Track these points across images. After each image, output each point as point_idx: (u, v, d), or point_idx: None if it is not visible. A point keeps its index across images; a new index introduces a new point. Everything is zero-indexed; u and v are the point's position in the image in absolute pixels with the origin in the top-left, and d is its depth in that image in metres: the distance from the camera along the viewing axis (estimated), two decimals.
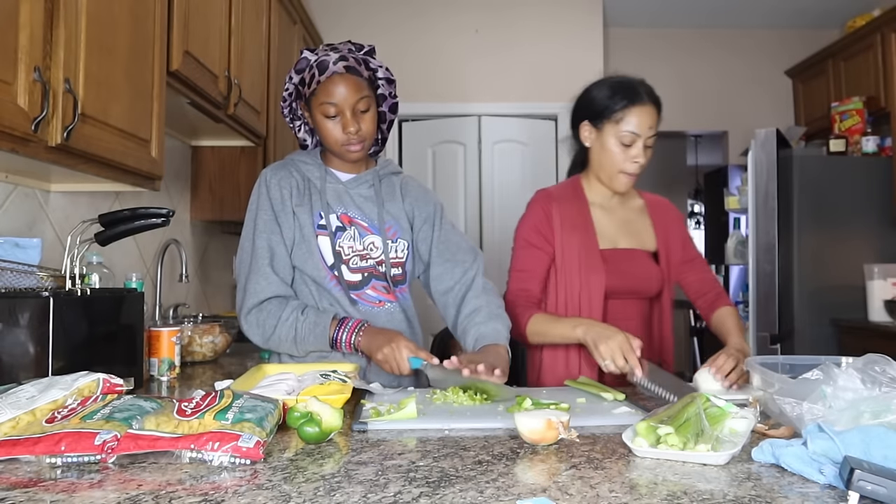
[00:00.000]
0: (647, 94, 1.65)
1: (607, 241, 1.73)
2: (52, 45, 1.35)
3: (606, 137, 1.67)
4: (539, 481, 0.84)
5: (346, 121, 1.49)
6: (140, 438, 0.91)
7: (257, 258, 1.51)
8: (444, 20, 4.52)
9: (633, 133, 1.64)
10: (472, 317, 1.59)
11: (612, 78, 1.71)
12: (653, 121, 1.65)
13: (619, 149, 1.66)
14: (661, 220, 1.81)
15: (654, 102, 1.66)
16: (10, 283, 1.35)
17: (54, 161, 1.40)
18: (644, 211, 1.83)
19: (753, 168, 3.80)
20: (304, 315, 1.47)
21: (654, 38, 5.10)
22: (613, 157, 1.67)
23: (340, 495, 0.78)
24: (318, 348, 1.49)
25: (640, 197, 1.85)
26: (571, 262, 1.70)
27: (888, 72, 3.82)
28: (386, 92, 1.58)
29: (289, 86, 1.55)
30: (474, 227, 4.45)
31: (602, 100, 1.67)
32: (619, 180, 1.69)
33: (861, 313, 3.65)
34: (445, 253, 1.67)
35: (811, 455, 0.85)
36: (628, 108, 1.63)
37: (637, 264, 1.74)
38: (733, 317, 1.74)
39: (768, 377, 1.16)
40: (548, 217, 1.74)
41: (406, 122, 4.55)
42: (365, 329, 1.46)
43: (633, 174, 1.68)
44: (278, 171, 1.58)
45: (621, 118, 1.64)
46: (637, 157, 1.65)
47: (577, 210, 1.75)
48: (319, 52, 1.50)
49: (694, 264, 1.84)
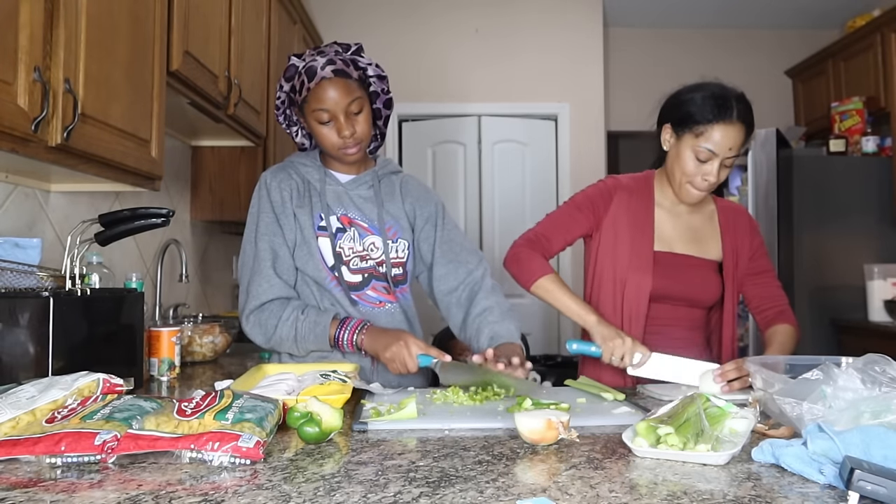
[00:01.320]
0: (739, 113, 1.55)
1: (664, 243, 1.68)
2: (52, 46, 1.35)
3: (684, 147, 1.60)
4: (539, 481, 0.84)
5: (340, 125, 1.49)
6: (140, 438, 0.91)
7: (259, 261, 1.52)
8: (444, 20, 4.52)
9: (711, 151, 1.55)
10: (485, 316, 1.59)
11: (709, 85, 1.61)
12: (736, 141, 1.55)
13: (694, 163, 1.58)
14: (730, 228, 1.73)
15: (744, 121, 1.56)
16: (10, 283, 1.35)
17: (54, 161, 1.40)
18: (714, 217, 1.75)
19: (753, 168, 3.79)
20: (304, 314, 1.47)
21: (654, 38, 5.09)
22: (686, 168, 1.60)
23: (340, 495, 0.78)
24: (319, 348, 1.49)
25: (713, 202, 1.77)
26: (622, 258, 1.66)
27: (888, 72, 3.82)
28: (378, 89, 1.57)
29: (280, 94, 1.55)
30: (474, 227, 4.45)
31: (689, 107, 1.59)
32: (687, 192, 1.63)
33: (861, 313, 3.65)
34: (449, 253, 1.67)
35: (811, 455, 0.85)
36: (713, 124, 1.54)
37: (692, 272, 1.67)
38: (784, 335, 1.63)
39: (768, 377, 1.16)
40: (608, 198, 1.69)
41: (406, 122, 4.55)
42: (368, 328, 1.46)
43: (703, 190, 1.61)
44: (278, 174, 1.58)
45: (702, 132, 1.56)
46: (709, 174, 1.57)
47: (641, 206, 1.70)
48: (307, 58, 1.50)
49: (760, 278, 1.74)
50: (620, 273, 1.66)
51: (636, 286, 1.64)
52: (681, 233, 1.71)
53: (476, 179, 4.47)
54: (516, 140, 4.52)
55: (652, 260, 1.65)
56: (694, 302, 1.69)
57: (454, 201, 4.46)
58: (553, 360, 3.69)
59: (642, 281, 1.64)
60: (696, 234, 1.72)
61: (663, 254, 1.67)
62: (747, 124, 1.57)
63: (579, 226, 1.71)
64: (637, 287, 1.64)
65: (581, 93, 4.52)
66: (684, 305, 1.68)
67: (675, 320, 1.67)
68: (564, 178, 4.47)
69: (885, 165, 3.77)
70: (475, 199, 4.46)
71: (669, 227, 1.70)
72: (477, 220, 4.45)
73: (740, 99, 1.58)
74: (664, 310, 1.67)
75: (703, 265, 1.69)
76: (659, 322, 1.65)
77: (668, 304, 1.67)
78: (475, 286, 1.65)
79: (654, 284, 1.63)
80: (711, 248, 1.72)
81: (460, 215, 4.45)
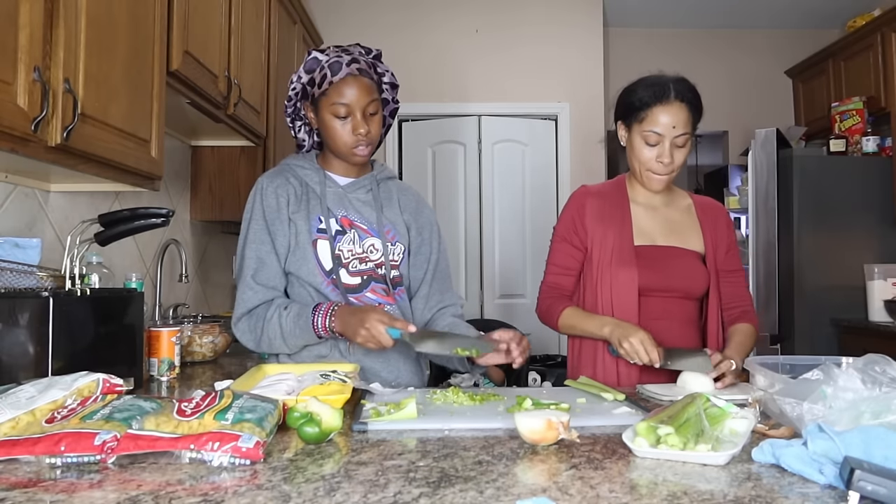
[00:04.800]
0: (677, 93, 1.60)
1: (644, 237, 1.70)
2: (51, 45, 1.35)
3: (634, 137, 1.65)
4: (539, 481, 0.84)
5: (357, 122, 1.50)
6: (140, 439, 0.91)
7: (244, 269, 1.53)
8: (444, 20, 4.52)
9: (656, 133, 1.60)
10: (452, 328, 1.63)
11: (648, 77, 1.67)
12: (678, 119, 1.60)
13: (646, 149, 1.63)
14: (710, 222, 1.76)
15: (684, 100, 1.61)
16: (10, 283, 1.35)
17: (54, 161, 1.40)
18: (691, 211, 1.78)
19: (753, 168, 3.80)
20: (286, 310, 1.48)
21: (653, 38, 5.09)
22: (640, 156, 1.65)
23: (340, 495, 0.78)
24: (307, 341, 1.49)
25: (688, 197, 1.81)
26: (604, 257, 1.68)
27: (888, 72, 3.82)
28: (389, 97, 1.60)
29: (296, 85, 1.55)
30: (474, 227, 4.45)
31: (630, 98, 1.65)
32: (649, 179, 1.66)
33: (861, 313, 3.65)
34: (437, 284, 1.71)
35: (811, 455, 0.85)
36: (651, 107, 1.60)
37: (676, 262, 1.69)
38: (743, 334, 1.67)
39: (768, 377, 1.16)
40: (581, 213, 1.72)
41: (406, 121, 4.55)
42: (337, 312, 1.44)
43: (663, 174, 1.65)
44: (275, 179, 1.58)
45: (644, 117, 1.61)
46: (663, 156, 1.61)
47: (616, 206, 1.72)
48: (331, 54, 1.51)
49: (731, 276, 1.77)
50: (606, 271, 1.68)
51: (623, 281, 1.66)
52: (660, 226, 1.73)
53: (476, 179, 4.47)
54: (516, 140, 4.52)
55: (634, 254, 1.67)
56: (684, 292, 1.70)
57: (454, 201, 4.46)
58: (553, 360, 3.69)
59: (628, 275, 1.65)
60: (676, 226, 1.74)
61: (645, 247, 1.69)
62: (688, 102, 1.61)
63: (574, 258, 1.74)
64: (624, 282, 1.66)
65: (581, 93, 4.52)
66: (675, 297, 1.69)
67: (667, 315, 1.68)
68: (564, 178, 4.47)
69: (886, 165, 3.77)
70: (475, 199, 4.46)
71: (648, 222, 1.73)
72: (477, 220, 4.45)
73: (678, 81, 1.64)
74: (655, 303, 1.67)
75: (687, 255, 1.72)
76: (652, 316, 1.65)
77: (658, 296, 1.68)
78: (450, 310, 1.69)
79: (640, 278, 1.65)
80: (692, 239, 1.74)
81: (460, 215, 4.45)
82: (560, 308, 1.71)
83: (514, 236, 4.45)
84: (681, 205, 1.78)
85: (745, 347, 1.63)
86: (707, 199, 1.83)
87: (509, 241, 4.44)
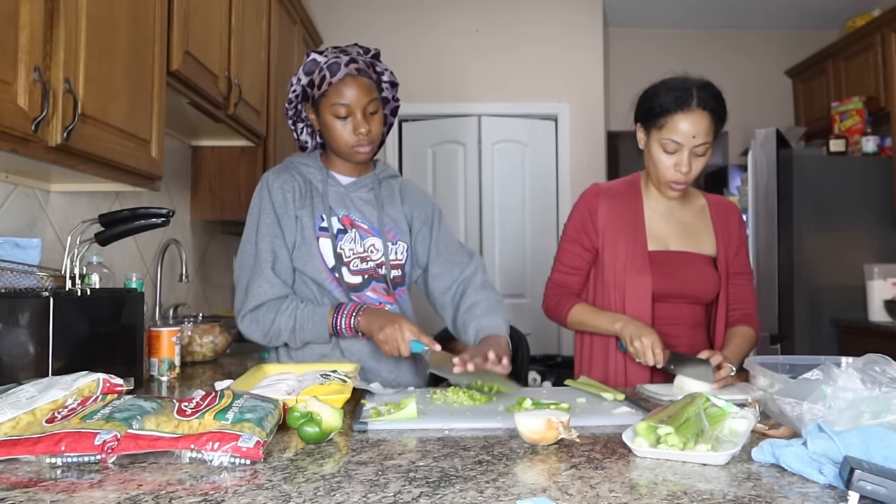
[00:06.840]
0: (700, 100, 1.54)
1: (658, 242, 1.68)
2: (52, 46, 1.35)
3: (652, 142, 1.60)
4: (539, 481, 0.84)
5: (357, 122, 1.51)
6: (140, 438, 0.91)
7: (260, 261, 1.52)
8: (444, 20, 4.52)
9: (675, 142, 1.55)
10: (472, 310, 1.60)
11: (672, 79, 1.61)
12: (699, 129, 1.53)
13: (664, 156, 1.58)
14: (722, 223, 1.73)
15: (707, 108, 1.54)
16: (10, 283, 1.35)
17: (54, 161, 1.40)
18: (705, 212, 1.74)
19: (753, 168, 3.79)
20: (303, 304, 1.50)
21: (653, 38, 5.09)
22: (657, 163, 1.59)
23: (340, 495, 0.78)
24: (316, 338, 1.50)
25: (702, 197, 1.77)
26: (617, 262, 1.66)
27: (888, 72, 3.82)
28: (389, 95, 1.61)
29: (296, 87, 1.56)
30: (474, 227, 4.45)
31: (651, 102, 1.59)
32: (666, 187, 1.63)
33: (861, 313, 3.65)
34: (444, 253, 1.68)
35: (811, 455, 0.85)
36: (672, 114, 1.54)
37: (689, 268, 1.67)
38: (741, 337, 1.65)
39: (768, 377, 1.16)
40: (592, 214, 1.69)
41: (406, 122, 4.55)
42: (364, 310, 1.47)
43: (679, 182, 1.60)
44: (280, 175, 1.58)
45: (664, 124, 1.56)
46: (681, 165, 1.56)
47: (629, 208, 1.69)
48: (329, 55, 1.51)
49: (738, 278, 1.74)
50: (619, 277, 1.66)
51: (637, 288, 1.64)
52: (674, 230, 1.71)
53: (476, 179, 4.47)
54: (516, 140, 4.52)
55: (648, 260, 1.65)
56: (694, 298, 1.69)
57: (454, 201, 4.45)
58: (553, 360, 3.69)
59: (642, 282, 1.63)
60: (689, 229, 1.72)
61: (659, 252, 1.67)
62: (711, 111, 1.55)
63: (582, 259, 1.72)
64: (638, 289, 1.64)
65: (581, 93, 4.52)
66: (685, 303, 1.68)
67: (678, 320, 1.67)
68: (564, 178, 4.47)
69: (885, 165, 3.77)
70: (475, 199, 4.46)
71: (662, 225, 1.70)
72: (477, 220, 4.45)
73: (702, 87, 1.57)
74: (667, 309, 1.66)
75: (700, 260, 1.70)
76: (663, 322, 1.64)
77: (669, 302, 1.66)
78: (466, 283, 1.66)
79: (654, 284, 1.63)
80: (705, 242, 1.72)
81: (460, 215, 4.45)
82: (569, 304, 1.70)
83: (514, 236, 4.44)
84: (695, 206, 1.75)
85: (741, 350, 1.63)
86: (721, 199, 1.80)
87: (509, 241, 4.43)
